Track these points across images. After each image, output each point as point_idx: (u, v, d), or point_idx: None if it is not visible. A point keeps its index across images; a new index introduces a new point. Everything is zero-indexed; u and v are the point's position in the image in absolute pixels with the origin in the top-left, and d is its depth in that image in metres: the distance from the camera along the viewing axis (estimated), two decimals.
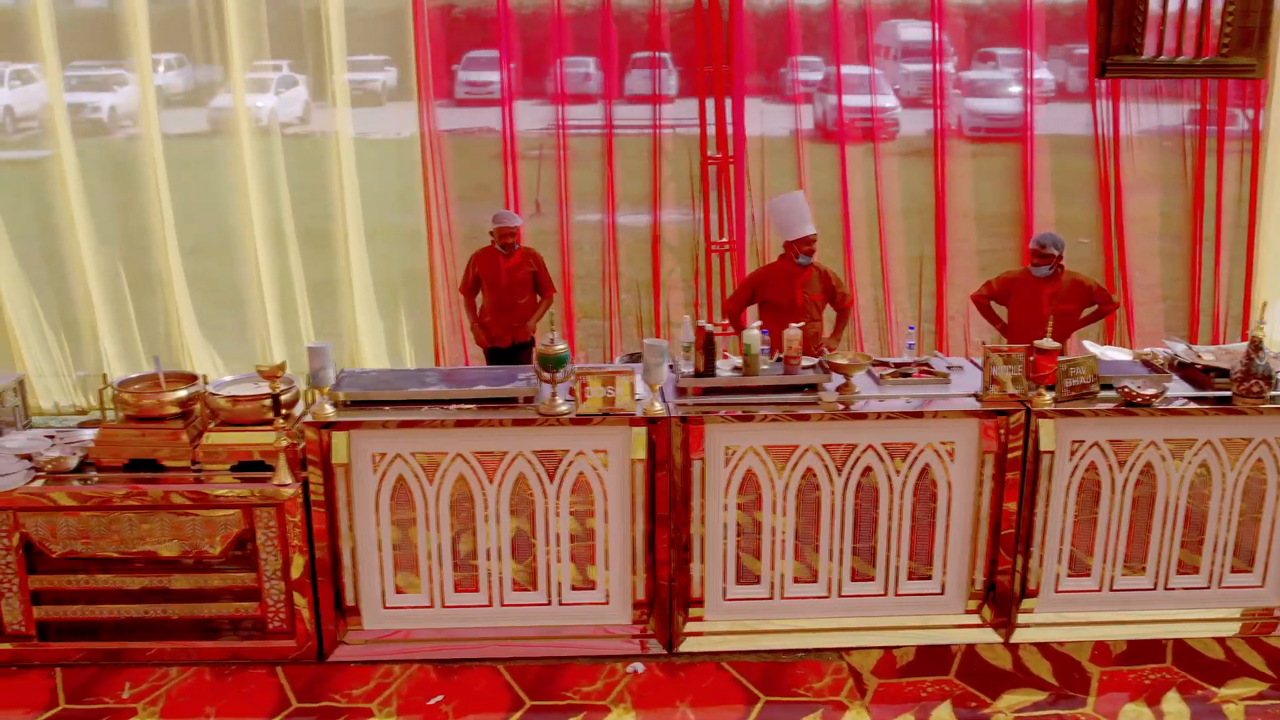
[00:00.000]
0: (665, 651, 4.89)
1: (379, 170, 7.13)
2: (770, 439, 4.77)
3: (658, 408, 4.71)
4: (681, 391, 4.92)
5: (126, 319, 7.32)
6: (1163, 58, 5.39)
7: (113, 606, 4.86)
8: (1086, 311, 6.12)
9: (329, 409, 4.68)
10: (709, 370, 4.90)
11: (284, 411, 4.84)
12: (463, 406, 4.78)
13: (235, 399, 4.79)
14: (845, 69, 7.19)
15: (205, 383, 4.94)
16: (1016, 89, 7.51)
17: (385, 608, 4.92)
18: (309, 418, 4.67)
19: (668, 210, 7.31)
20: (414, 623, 4.93)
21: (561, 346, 4.68)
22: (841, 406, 4.78)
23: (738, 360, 5.01)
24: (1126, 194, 7.50)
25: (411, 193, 7.12)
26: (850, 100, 7.28)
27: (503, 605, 4.93)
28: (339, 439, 4.66)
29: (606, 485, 4.78)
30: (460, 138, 7.16)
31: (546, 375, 4.68)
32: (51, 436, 5.05)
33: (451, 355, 7.35)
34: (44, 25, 6.73)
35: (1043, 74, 7.53)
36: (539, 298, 6.67)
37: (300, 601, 4.81)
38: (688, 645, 4.92)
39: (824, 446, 4.77)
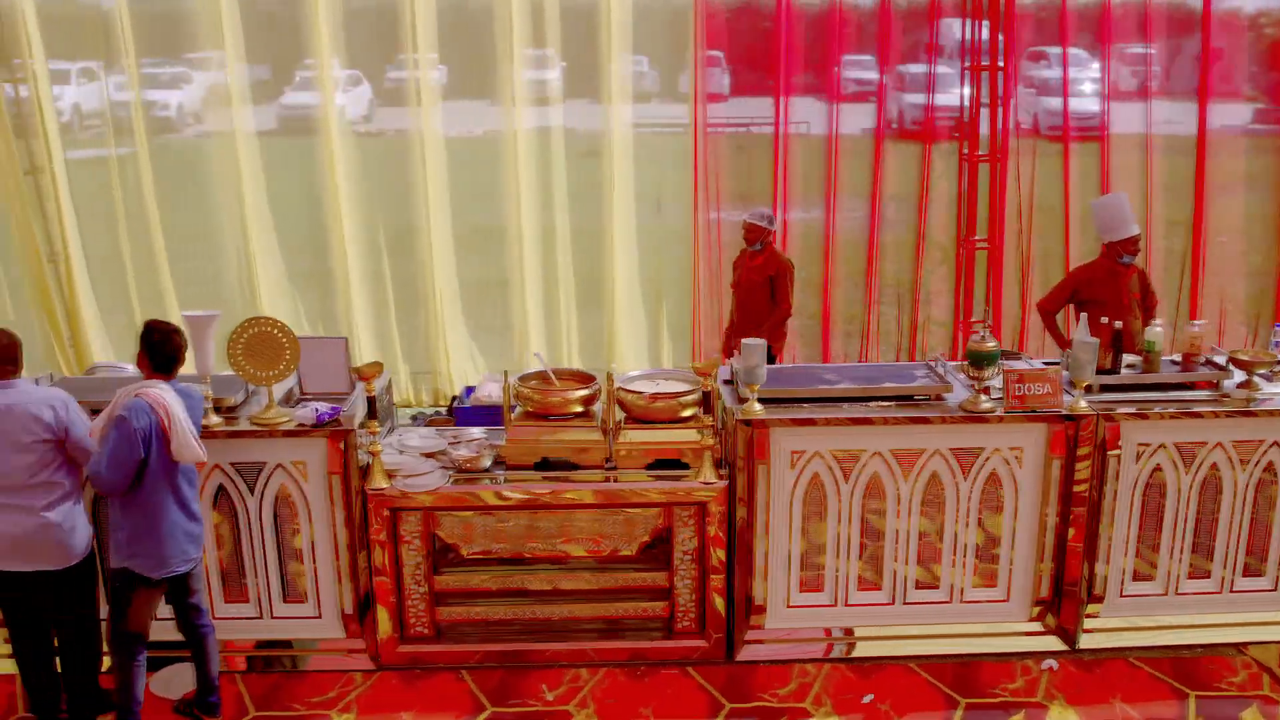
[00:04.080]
0: (1068, 648, 4.90)
1: (655, 167, 7.10)
2: (1177, 435, 4.78)
3: (1083, 405, 4.71)
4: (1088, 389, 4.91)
5: (386, 315, 7.25)
6: None
7: (514, 607, 4.82)
8: None
9: (758, 407, 4.65)
10: (1115, 368, 4.91)
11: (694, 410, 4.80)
12: (884, 404, 4.77)
13: (655, 396, 4.74)
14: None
15: (610, 381, 4.88)
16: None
17: (788, 606, 4.89)
18: (738, 415, 4.64)
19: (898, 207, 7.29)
20: (817, 621, 4.90)
21: (992, 344, 4.67)
22: (1247, 403, 4.80)
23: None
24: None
25: (677, 190, 7.09)
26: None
27: (904, 604, 4.92)
28: (764, 436, 4.63)
29: (1019, 482, 4.77)
30: (727, 135, 7.14)
31: (975, 372, 4.67)
32: (456, 437, 4.99)
33: (708, 355, 7.32)
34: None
35: None
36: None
37: (714, 601, 4.78)
38: (1088, 641, 4.92)
39: (1232, 444, 4.79)
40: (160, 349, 4.13)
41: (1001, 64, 7.02)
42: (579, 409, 4.81)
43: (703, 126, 6.94)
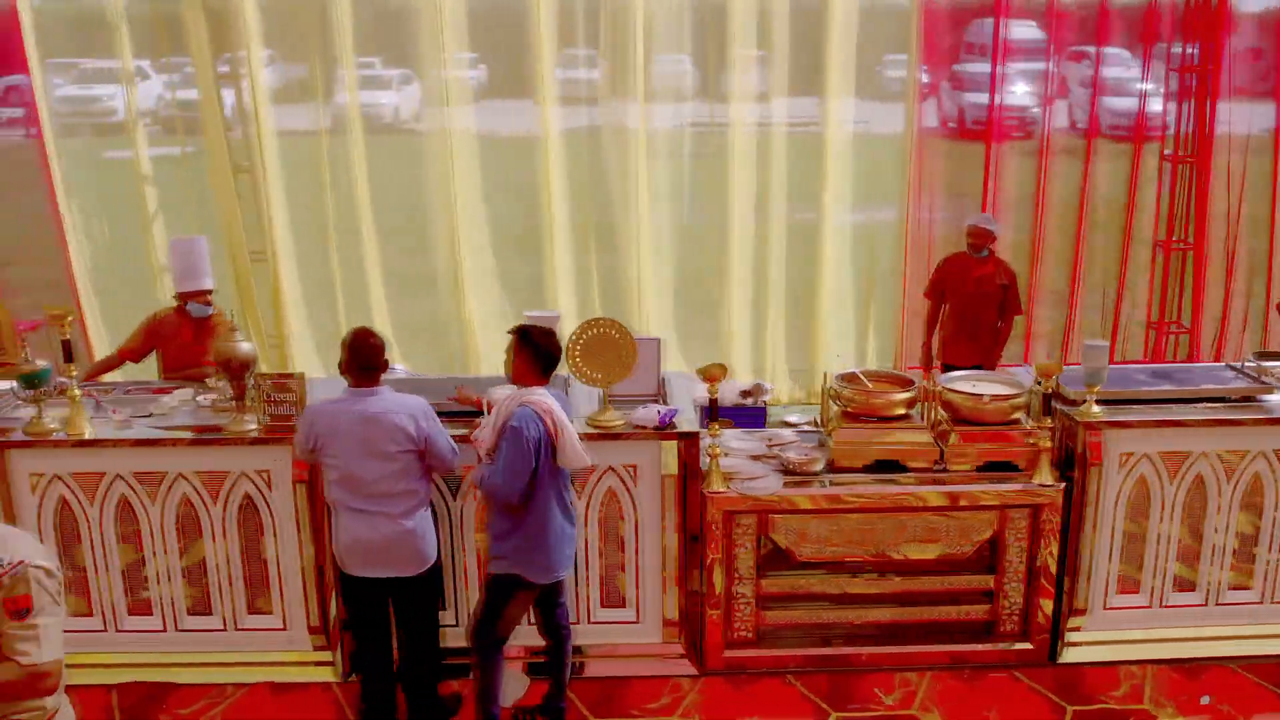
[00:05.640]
0: None
1: (871, 165, 7.06)
2: None
3: None
4: None
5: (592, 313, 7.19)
6: None
7: (836, 611, 4.78)
8: None
9: (1097, 409, 4.63)
10: None
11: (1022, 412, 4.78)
12: (1212, 405, 4.77)
13: (996, 398, 4.70)
14: None
15: (930, 382, 4.85)
16: None
17: (1105, 608, 4.88)
18: (1076, 418, 4.62)
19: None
20: (1134, 622, 4.88)
21: None
22: None
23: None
24: None
25: (895, 189, 7.06)
26: None
27: (1217, 604, 4.92)
28: (1100, 439, 4.62)
29: None
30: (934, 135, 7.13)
31: None
32: (771, 439, 4.94)
33: (910, 359, 7.30)
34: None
35: None
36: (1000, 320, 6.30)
37: (1040, 603, 4.76)
38: None
39: None
40: (542, 352, 4.06)
41: (1210, 66, 7.06)
42: (901, 411, 4.78)
43: (916, 125, 6.92)
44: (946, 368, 6.25)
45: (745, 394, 6.58)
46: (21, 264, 5.59)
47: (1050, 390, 4.63)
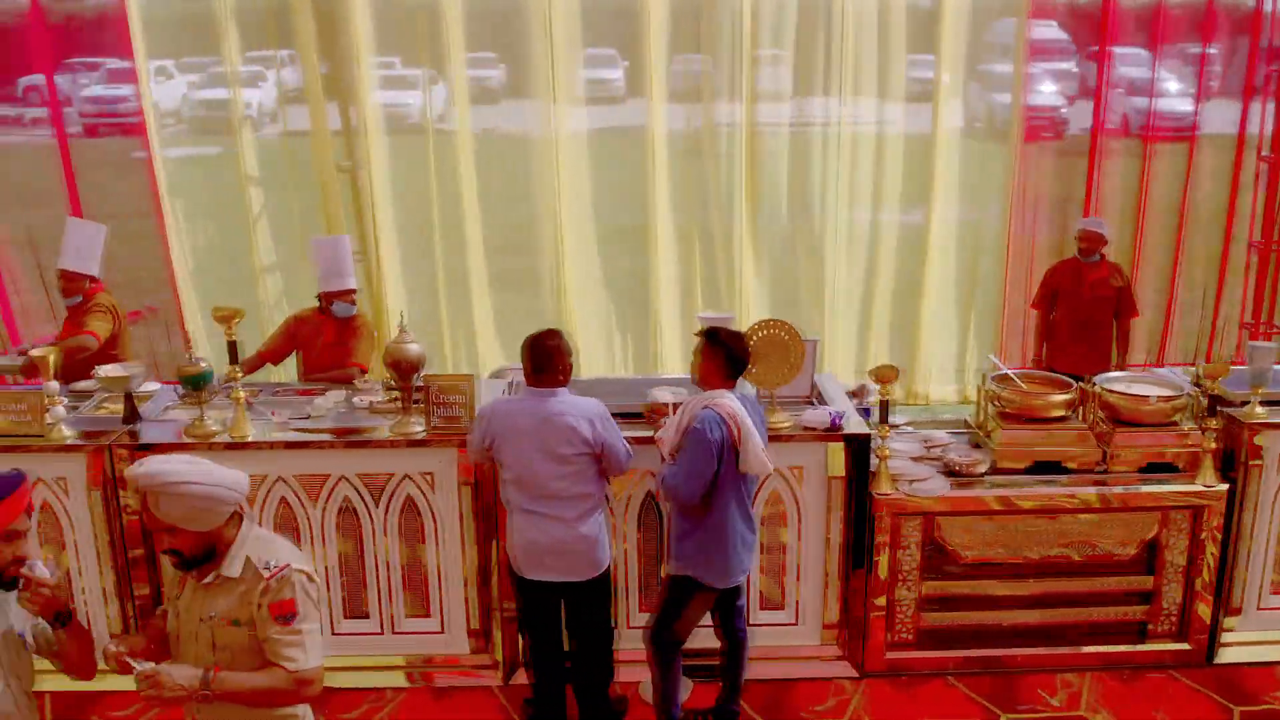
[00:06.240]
0: None
1: (976, 166, 7.07)
2: None
3: None
4: None
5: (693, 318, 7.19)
6: None
7: (994, 613, 4.77)
8: None
9: (1261, 409, 4.65)
10: None
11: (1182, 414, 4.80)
12: None
13: (1158, 399, 4.70)
14: None
15: (1092, 384, 4.86)
16: None
17: (1258, 609, 4.89)
18: (1240, 418, 4.64)
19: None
20: None
21: None
22: None
23: None
24: None
25: (996, 193, 7.07)
26: None
27: None
28: (1264, 439, 4.64)
29: None
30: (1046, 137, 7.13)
31: None
32: (927, 439, 4.94)
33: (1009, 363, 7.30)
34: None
35: None
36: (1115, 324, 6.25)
37: (1198, 605, 4.77)
38: None
39: None
40: (730, 355, 4.03)
41: None
42: (1060, 412, 4.79)
43: (1020, 128, 6.93)
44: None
45: (852, 394, 6.57)
46: (120, 262, 5.53)
47: (1214, 391, 4.65)
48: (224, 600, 2.83)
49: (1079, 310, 6.25)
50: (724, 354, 4.02)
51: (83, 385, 5.06)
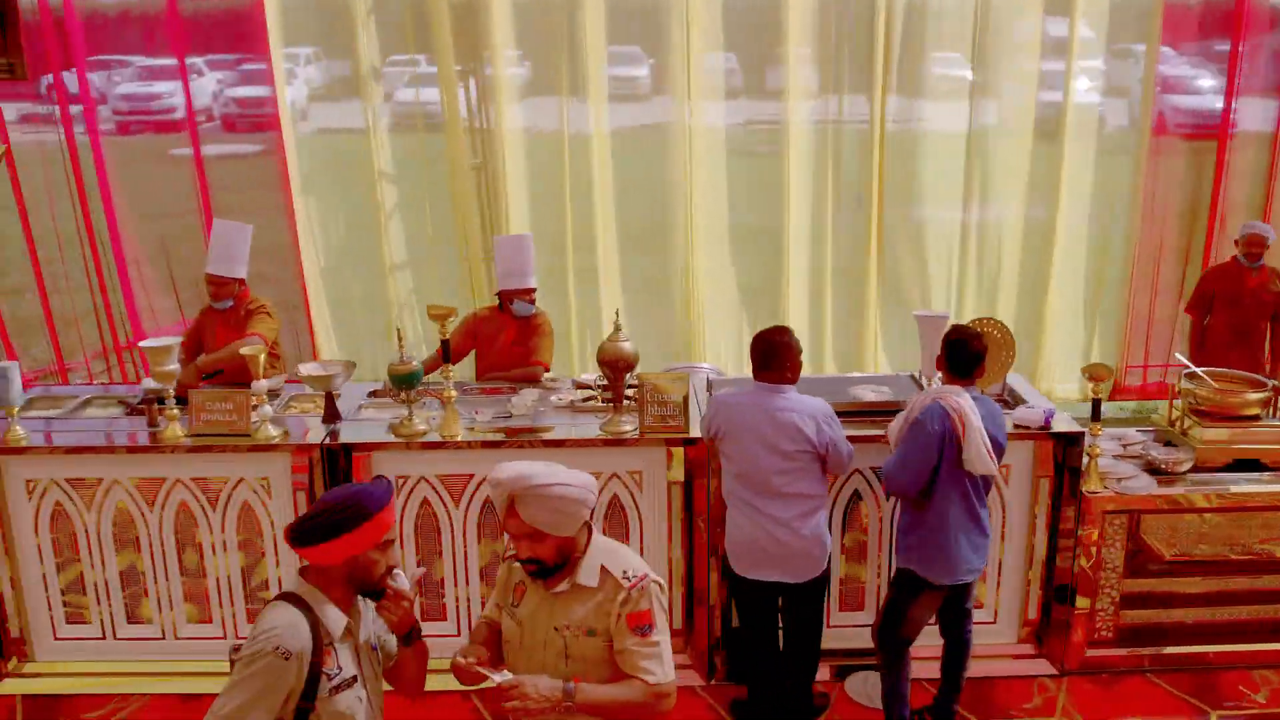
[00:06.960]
0: None
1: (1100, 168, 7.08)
2: None
3: None
4: None
5: (821, 323, 7.18)
6: None
7: (1191, 610, 4.79)
8: None
9: None
10: None
11: None
12: None
13: None
14: None
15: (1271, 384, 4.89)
16: None
17: None
18: None
19: None
20: None
21: None
22: None
23: None
24: None
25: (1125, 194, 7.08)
26: None
27: None
28: None
29: None
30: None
31: None
32: (1119, 437, 4.95)
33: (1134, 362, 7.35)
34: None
35: None
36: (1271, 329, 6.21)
37: None
38: None
39: None
40: (959, 352, 4.04)
41: None
42: (1254, 411, 4.81)
43: (1150, 126, 6.93)
44: None
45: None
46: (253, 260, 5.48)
47: None
48: (579, 609, 2.76)
49: (1236, 315, 6.24)
50: (946, 351, 4.06)
51: (266, 384, 5.01)
